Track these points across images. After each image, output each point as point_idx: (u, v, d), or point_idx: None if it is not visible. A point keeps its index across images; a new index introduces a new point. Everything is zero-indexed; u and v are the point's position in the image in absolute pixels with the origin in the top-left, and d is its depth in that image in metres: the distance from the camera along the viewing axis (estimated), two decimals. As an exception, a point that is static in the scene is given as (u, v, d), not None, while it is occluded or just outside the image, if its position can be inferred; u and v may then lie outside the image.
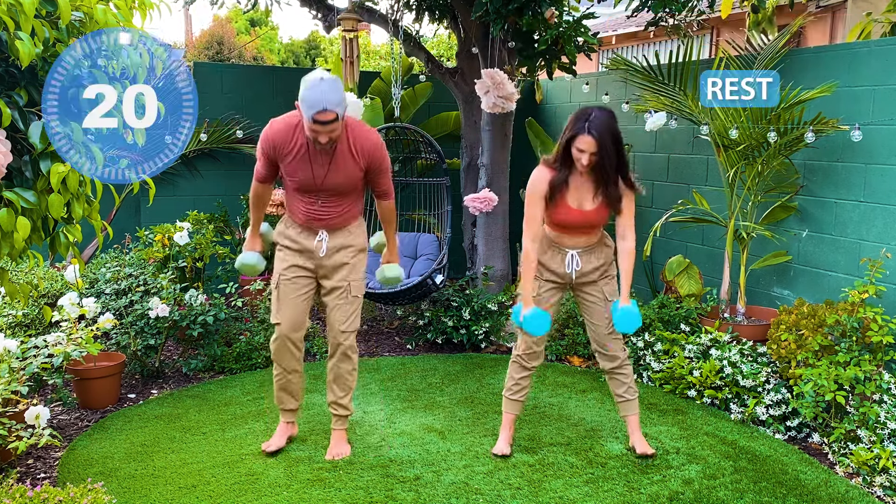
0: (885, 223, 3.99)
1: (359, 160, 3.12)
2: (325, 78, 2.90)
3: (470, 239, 5.68)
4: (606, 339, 3.30)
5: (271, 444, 3.37)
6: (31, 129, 2.22)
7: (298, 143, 3.08)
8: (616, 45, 11.42)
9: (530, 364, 3.34)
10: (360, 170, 3.15)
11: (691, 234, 5.23)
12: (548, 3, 4.69)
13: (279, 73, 6.86)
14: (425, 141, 5.21)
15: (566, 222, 3.19)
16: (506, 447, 3.37)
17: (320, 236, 3.22)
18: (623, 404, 3.37)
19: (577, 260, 3.24)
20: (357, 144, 3.10)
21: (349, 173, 3.14)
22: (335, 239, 3.24)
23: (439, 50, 11.80)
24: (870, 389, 3.33)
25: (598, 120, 2.99)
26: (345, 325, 3.24)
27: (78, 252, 2.51)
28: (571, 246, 3.25)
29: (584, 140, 2.99)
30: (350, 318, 3.25)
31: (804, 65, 4.42)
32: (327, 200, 3.18)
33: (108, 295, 4.64)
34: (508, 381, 3.41)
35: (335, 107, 2.88)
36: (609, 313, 3.25)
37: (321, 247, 3.22)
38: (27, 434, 3.07)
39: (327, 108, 2.87)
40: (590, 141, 2.98)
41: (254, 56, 18.00)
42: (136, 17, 2.44)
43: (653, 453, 3.33)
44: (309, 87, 2.90)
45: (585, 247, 3.26)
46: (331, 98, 2.87)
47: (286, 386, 3.35)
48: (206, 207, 5.82)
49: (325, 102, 2.86)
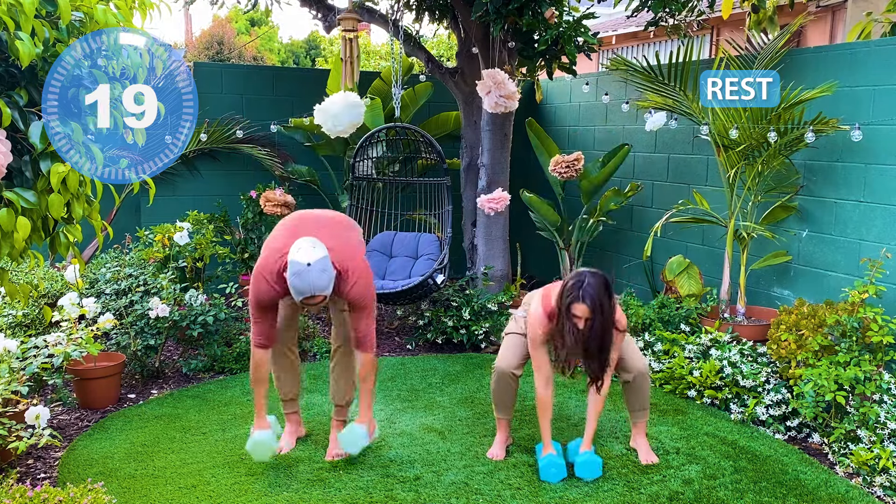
0: (885, 223, 3.99)
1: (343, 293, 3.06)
2: (312, 263, 2.81)
3: (470, 239, 5.68)
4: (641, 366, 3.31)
5: (282, 445, 3.37)
6: (31, 129, 2.21)
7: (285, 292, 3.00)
8: (616, 45, 11.43)
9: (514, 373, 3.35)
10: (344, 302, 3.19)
11: (691, 234, 5.23)
12: (548, 3, 4.70)
13: (279, 73, 6.86)
14: (425, 141, 5.21)
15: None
16: (501, 452, 3.36)
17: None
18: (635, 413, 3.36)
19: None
20: (343, 289, 3.04)
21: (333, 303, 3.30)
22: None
23: (439, 50, 11.80)
24: (870, 389, 3.33)
25: (591, 287, 2.98)
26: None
27: (78, 252, 2.51)
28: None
29: (579, 307, 2.98)
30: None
31: (804, 65, 4.42)
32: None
33: (108, 295, 4.64)
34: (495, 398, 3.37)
35: (322, 291, 2.86)
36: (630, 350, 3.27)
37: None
38: (27, 434, 3.07)
39: (315, 294, 2.86)
40: (583, 308, 2.98)
41: (254, 56, 18.00)
42: (136, 17, 2.44)
43: (655, 461, 3.30)
44: (296, 273, 2.83)
45: None
46: (318, 284, 2.84)
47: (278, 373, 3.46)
48: (206, 207, 5.82)
49: (313, 290, 2.84)
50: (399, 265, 5.07)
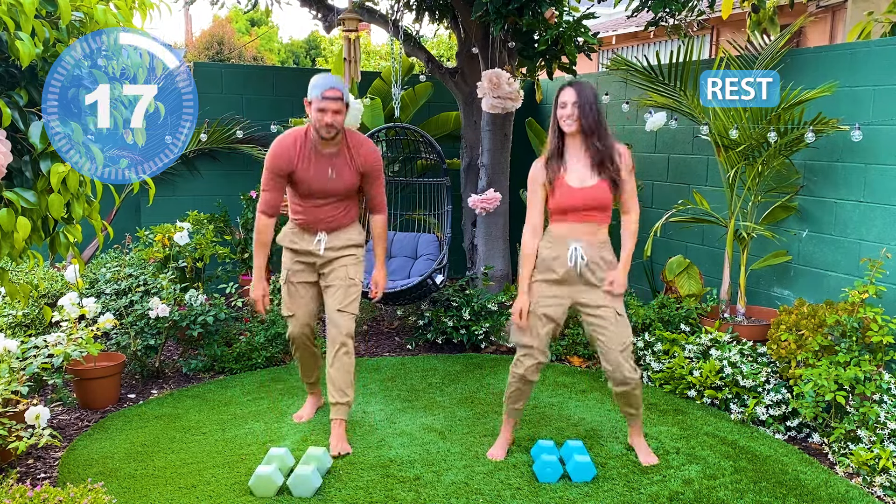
0: (885, 223, 3.99)
1: (357, 163, 3.41)
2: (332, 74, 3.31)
3: (470, 239, 5.69)
4: (620, 358, 3.12)
5: (303, 415, 3.73)
6: (32, 129, 2.21)
7: (304, 152, 3.35)
8: (616, 45, 11.43)
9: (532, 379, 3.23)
10: (357, 174, 3.43)
11: (691, 234, 5.23)
12: (548, 3, 4.69)
13: (279, 73, 6.86)
14: (425, 141, 5.21)
15: (569, 203, 3.11)
16: (502, 452, 3.34)
17: (319, 237, 3.45)
18: (628, 418, 3.35)
19: (581, 253, 3.12)
20: (354, 149, 3.41)
21: (347, 178, 3.41)
22: (333, 240, 3.47)
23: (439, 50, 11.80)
24: (870, 389, 3.33)
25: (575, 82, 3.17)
26: (342, 305, 3.38)
27: (78, 252, 2.51)
28: (575, 238, 3.13)
29: (564, 92, 3.12)
30: (348, 301, 3.41)
31: (804, 65, 4.42)
32: (328, 204, 3.42)
33: (108, 295, 4.64)
34: (510, 392, 3.31)
35: (341, 88, 3.27)
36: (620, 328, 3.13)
37: (319, 246, 3.44)
38: (27, 434, 3.07)
39: (334, 87, 3.25)
40: (569, 91, 3.11)
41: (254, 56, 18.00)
42: (136, 17, 2.44)
43: (655, 462, 3.29)
44: (316, 78, 3.30)
45: (591, 241, 3.14)
46: (336, 83, 3.27)
47: (304, 366, 3.67)
48: (206, 207, 5.83)
49: (332, 83, 3.26)
50: (398, 265, 5.07)
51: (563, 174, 3.13)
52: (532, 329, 3.18)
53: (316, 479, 2.98)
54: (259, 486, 2.95)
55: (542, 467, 3.10)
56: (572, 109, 3.08)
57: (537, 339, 3.18)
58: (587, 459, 3.13)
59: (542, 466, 3.11)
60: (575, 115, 3.08)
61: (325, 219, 3.43)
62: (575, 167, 3.14)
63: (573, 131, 3.11)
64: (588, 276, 3.14)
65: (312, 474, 2.96)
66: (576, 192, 3.11)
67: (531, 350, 3.19)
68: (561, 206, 3.13)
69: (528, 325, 3.18)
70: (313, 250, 3.44)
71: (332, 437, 3.38)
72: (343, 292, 3.41)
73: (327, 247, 3.43)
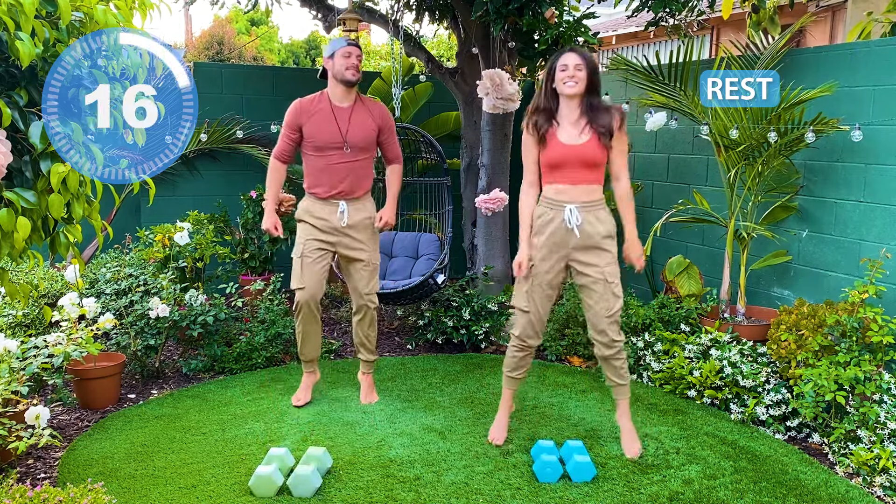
0: (885, 223, 3.99)
1: (374, 117, 3.76)
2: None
3: (470, 239, 5.69)
4: (605, 325, 3.23)
5: (299, 398, 3.91)
6: (32, 129, 2.21)
7: (323, 105, 3.71)
8: (616, 45, 11.43)
9: (529, 343, 3.33)
10: (375, 126, 3.76)
11: (691, 234, 5.23)
12: (548, 3, 4.69)
13: (279, 73, 6.86)
14: (426, 141, 5.21)
15: (561, 159, 3.16)
16: (502, 432, 3.41)
17: (341, 207, 3.71)
18: (616, 388, 3.37)
19: (577, 215, 3.16)
20: (369, 105, 3.79)
21: (366, 128, 3.73)
22: (353, 212, 3.73)
23: (439, 50, 11.80)
24: (870, 389, 3.33)
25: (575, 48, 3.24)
26: (369, 289, 3.83)
27: (78, 252, 2.51)
28: (570, 200, 3.18)
29: (567, 56, 3.16)
30: (372, 282, 3.83)
31: (804, 65, 4.42)
32: (350, 156, 3.69)
33: (108, 295, 4.64)
34: (508, 360, 3.41)
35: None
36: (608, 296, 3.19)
37: (342, 217, 3.70)
38: (27, 434, 3.07)
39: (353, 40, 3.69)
40: (571, 55, 3.15)
41: (254, 56, 18.00)
42: (136, 17, 2.43)
43: (637, 456, 3.32)
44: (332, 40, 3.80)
45: (585, 202, 3.18)
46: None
47: (307, 339, 3.85)
48: (206, 207, 5.83)
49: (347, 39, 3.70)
50: (399, 265, 5.07)
51: (556, 133, 3.19)
52: (530, 295, 3.27)
53: (316, 479, 2.98)
54: (259, 486, 2.95)
55: (542, 467, 3.10)
56: (574, 71, 3.12)
57: (533, 304, 3.27)
58: (587, 459, 3.13)
59: (542, 466, 3.11)
60: (577, 77, 3.13)
61: (341, 179, 3.68)
62: (566, 126, 3.20)
63: (574, 93, 3.15)
64: (584, 235, 3.19)
65: (312, 474, 2.96)
66: (566, 148, 3.17)
67: (528, 314, 3.28)
68: (553, 162, 3.19)
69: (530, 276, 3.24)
70: (335, 223, 3.70)
71: (364, 390, 3.97)
72: (368, 275, 3.80)
73: (349, 219, 3.70)
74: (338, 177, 3.69)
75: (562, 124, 3.21)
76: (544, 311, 3.31)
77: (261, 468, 2.98)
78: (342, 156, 3.68)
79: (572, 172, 3.18)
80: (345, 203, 3.70)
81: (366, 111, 3.74)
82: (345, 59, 3.62)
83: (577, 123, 3.19)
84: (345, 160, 3.68)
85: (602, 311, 3.22)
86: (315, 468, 2.99)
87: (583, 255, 3.22)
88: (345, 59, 3.62)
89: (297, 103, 3.72)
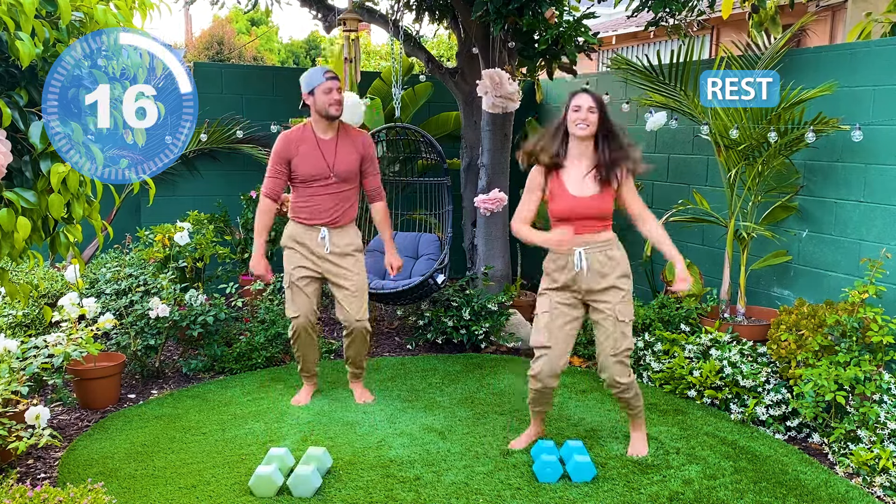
0: (885, 223, 3.99)
1: (357, 146, 3.76)
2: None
3: (470, 239, 5.68)
4: (610, 363, 3.14)
5: (299, 400, 3.95)
6: (32, 129, 2.21)
7: (308, 137, 3.71)
8: (616, 46, 11.42)
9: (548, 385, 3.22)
10: (358, 156, 3.76)
11: (691, 234, 5.23)
12: (548, 3, 4.69)
13: (279, 73, 6.86)
14: (426, 141, 5.21)
15: (569, 212, 3.10)
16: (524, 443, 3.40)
17: (322, 233, 3.70)
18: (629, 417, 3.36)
19: (586, 256, 3.11)
20: (352, 134, 3.80)
21: (351, 159, 3.73)
22: (335, 238, 3.73)
23: (439, 50, 11.79)
24: (870, 389, 3.33)
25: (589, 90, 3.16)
26: (359, 315, 3.78)
27: (78, 252, 2.51)
28: (579, 244, 3.12)
29: (581, 97, 3.11)
30: (362, 308, 3.79)
31: (804, 65, 4.42)
32: (335, 187, 3.69)
33: (108, 295, 4.64)
34: (531, 397, 3.32)
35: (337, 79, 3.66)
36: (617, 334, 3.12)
37: (324, 244, 3.70)
38: (27, 434, 3.07)
39: (328, 69, 3.66)
40: (584, 96, 3.11)
41: (254, 56, 18.00)
42: (136, 17, 2.43)
43: (643, 454, 3.32)
44: (308, 72, 3.69)
45: (594, 243, 3.13)
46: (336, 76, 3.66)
47: (306, 359, 3.91)
48: (206, 207, 5.82)
49: (325, 68, 3.69)
50: (399, 265, 5.07)
51: (564, 181, 3.14)
52: (550, 330, 3.17)
53: (316, 479, 2.98)
54: (259, 486, 2.95)
55: (542, 467, 3.10)
56: (587, 114, 3.07)
57: (555, 339, 3.16)
58: (587, 459, 3.13)
59: (542, 466, 3.11)
60: (589, 120, 3.08)
61: (327, 209, 3.68)
62: (575, 174, 3.14)
63: (586, 135, 3.10)
64: (595, 276, 3.14)
65: (312, 474, 2.96)
66: (576, 201, 3.12)
67: (547, 351, 3.17)
68: (560, 215, 3.15)
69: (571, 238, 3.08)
70: (317, 249, 3.69)
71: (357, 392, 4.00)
72: (358, 301, 3.76)
73: (331, 245, 3.69)
74: (323, 206, 3.69)
75: (570, 172, 3.14)
76: (567, 348, 3.19)
77: (261, 468, 2.98)
78: (328, 187, 3.68)
79: (581, 222, 3.12)
80: (326, 230, 3.70)
81: (349, 141, 3.74)
82: (326, 94, 3.59)
83: (587, 171, 3.13)
84: (331, 191, 3.69)
85: (608, 348, 3.14)
86: (315, 468, 2.99)
87: (596, 293, 3.16)
88: (326, 96, 3.59)
89: (284, 137, 3.71)
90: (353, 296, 3.74)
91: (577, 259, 3.12)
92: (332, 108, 3.61)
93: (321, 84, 3.59)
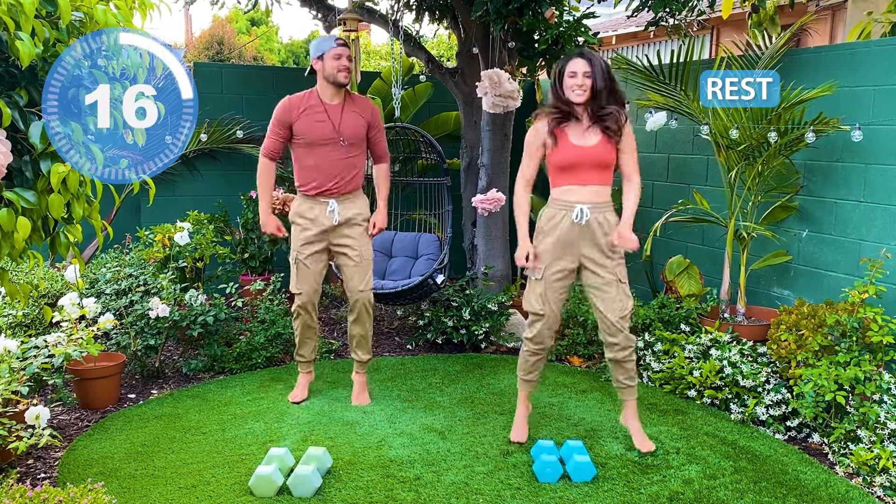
0: (885, 223, 3.99)
1: (363, 113, 3.79)
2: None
3: (470, 239, 5.68)
4: (620, 325, 3.23)
5: (297, 395, 3.96)
6: (32, 129, 2.21)
7: (312, 102, 3.73)
8: (616, 45, 11.42)
9: (545, 345, 3.35)
10: (365, 122, 3.79)
11: (691, 234, 5.23)
12: (548, 2, 4.69)
13: (279, 73, 6.86)
14: (426, 141, 5.21)
15: (570, 160, 3.16)
16: (522, 433, 3.44)
17: (331, 206, 3.72)
18: (624, 390, 3.39)
19: (586, 213, 3.17)
20: (358, 101, 3.84)
21: (357, 124, 3.75)
22: (344, 210, 3.75)
23: (439, 50, 11.80)
24: (870, 389, 3.33)
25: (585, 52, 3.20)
26: (362, 286, 3.82)
27: (78, 252, 2.51)
28: (579, 200, 3.18)
29: (576, 62, 3.13)
30: (366, 279, 3.82)
31: (804, 65, 4.42)
32: (343, 152, 3.71)
33: (108, 295, 4.64)
34: (522, 363, 3.43)
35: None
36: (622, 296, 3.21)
37: (333, 216, 3.72)
38: (27, 434, 3.07)
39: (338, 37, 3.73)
40: (580, 61, 3.12)
41: (254, 56, 17.99)
42: (136, 17, 2.43)
43: (652, 449, 3.34)
44: (317, 39, 3.74)
45: (595, 202, 3.19)
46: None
47: (306, 340, 3.92)
48: (206, 207, 5.82)
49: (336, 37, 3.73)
50: (399, 265, 5.07)
51: (567, 134, 3.19)
52: (544, 297, 3.27)
53: (316, 479, 2.98)
54: (259, 486, 2.95)
55: (542, 467, 3.10)
56: (583, 79, 3.11)
57: (548, 306, 3.28)
58: (587, 459, 3.13)
59: (542, 466, 3.11)
60: (586, 85, 3.12)
61: (334, 175, 3.69)
62: (576, 129, 3.21)
63: (582, 101, 3.15)
64: (593, 235, 3.20)
65: (312, 474, 2.96)
66: (576, 149, 3.17)
67: (543, 318, 3.29)
68: (564, 164, 3.18)
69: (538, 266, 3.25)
70: (325, 222, 3.72)
71: (355, 389, 3.95)
72: (362, 271, 3.80)
73: (340, 217, 3.72)
74: (330, 172, 3.70)
75: (572, 128, 3.21)
76: (559, 311, 3.33)
77: (261, 468, 2.98)
78: (336, 151, 3.69)
79: (583, 173, 3.19)
80: (335, 202, 3.72)
81: (356, 107, 3.78)
82: (335, 60, 3.64)
83: (588, 126, 3.20)
84: (340, 156, 3.71)
85: (617, 311, 3.23)
86: (315, 468, 2.99)
87: (594, 255, 3.22)
88: (336, 62, 3.64)
89: (287, 101, 3.74)
90: (358, 266, 3.77)
91: (576, 213, 3.18)
92: (341, 75, 3.64)
93: (331, 49, 3.63)
